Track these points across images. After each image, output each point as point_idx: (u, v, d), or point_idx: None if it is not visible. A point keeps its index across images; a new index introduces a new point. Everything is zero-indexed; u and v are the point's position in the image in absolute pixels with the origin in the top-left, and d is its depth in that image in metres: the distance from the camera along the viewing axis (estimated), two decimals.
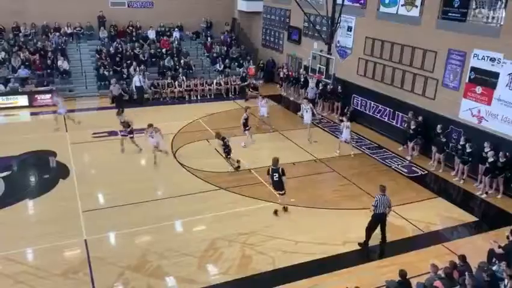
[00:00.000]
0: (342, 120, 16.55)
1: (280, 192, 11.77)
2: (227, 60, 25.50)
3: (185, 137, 17.06)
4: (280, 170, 11.52)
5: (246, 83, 23.38)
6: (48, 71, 22.16)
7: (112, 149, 15.51)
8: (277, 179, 11.52)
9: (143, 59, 23.92)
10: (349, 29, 19.94)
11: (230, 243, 10.54)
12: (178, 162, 14.99)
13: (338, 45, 20.67)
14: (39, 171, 14.10)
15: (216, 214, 11.83)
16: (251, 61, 26.01)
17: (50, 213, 11.70)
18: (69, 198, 12.41)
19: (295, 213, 12.04)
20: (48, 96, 20.45)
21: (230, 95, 23.37)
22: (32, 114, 19.74)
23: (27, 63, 21.89)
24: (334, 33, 20.26)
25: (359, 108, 19.58)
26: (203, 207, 12.11)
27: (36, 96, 20.46)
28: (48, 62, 22.33)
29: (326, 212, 12.20)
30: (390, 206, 10.46)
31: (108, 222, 11.28)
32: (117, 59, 23.54)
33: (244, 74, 24.55)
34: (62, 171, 14.03)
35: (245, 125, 16.50)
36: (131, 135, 15.34)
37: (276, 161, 11.58)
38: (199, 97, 22.78)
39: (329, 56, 20.62)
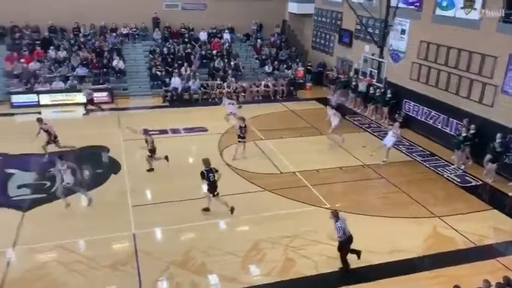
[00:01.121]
0: (391, 125, 16.12)
1: (215, 194, 11.53)
2: (276, 62, 25.56)
3: (231, 138, 17.24)
4: (213, 170, 11.38)
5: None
6: (105, 70, 23.15)
7: (161, 147, 15.91)
8: (213, 179, 11.32)
9: (194, 60, 24.44)
10: (403, 32, 19.38)
11: (273, 245, 10.54)
12: (224, 161, 15.17)
13: (391, 48, 20.16)
14: (93, 166, 14.74)
15: (260, 215, 11.86)
16: (300, 63, 25.92)
17: (102, 206, 12.18)
18: (119, 192, 12.90)
19: None
20: (104, 94, 21.41)
21: (278, 97, 23.40)
22: (89, 110, 20.66)
23: (85, 62, 22.97)
24: (387, 36, 19.77)
25: (410, 114, 18.98)
26: (247, 208, 12.17)
27: (92, 93, 21.36)
28: (105, 61, 23.35)
29: (372, 219, 11.91)
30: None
31: (155, 218, 11.60)
32: (169, 59, 24.21)
33: (292, 76, 24.53)
34: (114, 167, 14.60)
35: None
36: None
37: (207, 161, 11.36)
38: (247, 98, 22.98)
39: (380, 59, 20.16)
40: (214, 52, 25.35)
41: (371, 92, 20.62)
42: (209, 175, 11.34)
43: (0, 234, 10.61)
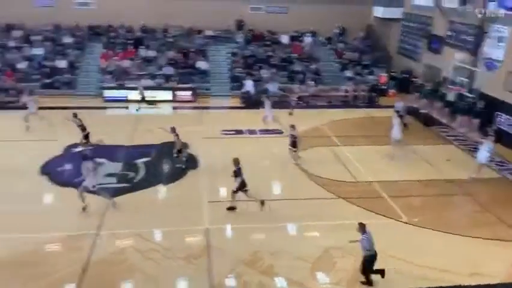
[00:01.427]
0: (483, 140, 14.92)
1: (246, 189, 11.80)
2: (358, 67, 24.95)
3: (307, 142, 17.10)
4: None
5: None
6: (190, 70, 24.15)
7: (238, 147, 16.24)
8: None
9: (274, 62, 24.66)
10: (500, 39, 17.93)
11: (344, 254, 10.25)
12: (297, 165, 15.08)
13: (485, 57, 18.74)
14: (173, 160, 15.41)
15: (332, 223, 11.62)
16: (384, 69, 25.06)
17: (179, 199, 12.70)
18: (196, 188, 13.36)
19: (417, 234, 11.24)
20: (188, 93, 22.36)
21: (358, 103, 22.83)
22: (173, 108, 21.69)
23: (172, 62, 24.15)
24: (481, 43, 18.43)
25: (503, 128, 17.52)
26: (319, 214, 11.99)
27: (177, 92, 22.45)
28: (190, 61, 24.36)
29: (452, 237, 11.14)
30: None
31: (228, 215, 11.84)
32: (251, 61, 24.64)
33: (375, 82, 23.80)
34: (192, 162, 15.14)
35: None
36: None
37: (237, 161, 11.76)
38: (326, 103, 22.69)
39: (473, 68, 18.83)
40: (295, 55, 25.36)
41: (460, 102, 19.33)
42: (242, 172, 11.72)
43: (87, 218, 11.48)
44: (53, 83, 22.45)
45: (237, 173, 11.72)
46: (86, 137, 15.92)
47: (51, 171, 14.12)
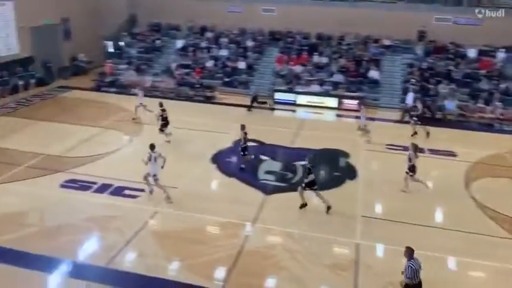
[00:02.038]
0: None
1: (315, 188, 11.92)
2: None
3: (484, 169, 15.16)
4: None
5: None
6: (360, 78, 23.72)
7: (399, 164, 15.26)
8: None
9: (456, 78, 22.52)
10: None
11: None
12: (470, 195, 13.43)
13: None
14: (331, 168, 15.32)
15: (501, 265, 10.02)
16: None
17: (332, 208, 12.54)
18: (351, 199, 13.02)
19: None
20: (355, 102, 21.98)
21: None
22: (337, 116, 21.61)
23: (343, 70, 24.06)
24: None
25: None
26: (487, 253, 10.46)
27: (344, 100, 22.27)
28: (362, 70, 23.91)
29: None
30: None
31: (381, 234, 11.21)
32: (427, 74, 22.99)
33: None
34: (351, 173, 14.81)
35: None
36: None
37: (313, 159, 12.23)
38: None
39: None
40: (483, 71, 22.72)
41: None
42: (310, 172, 11.84)
43: (245, 209, 12.19)
44: (232, 82, 24.54)
45: (310, 171, 11.77)
46: (164, 126, 16.50)
47: (220, 160, 15.43)
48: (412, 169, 13.10)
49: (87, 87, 23.93)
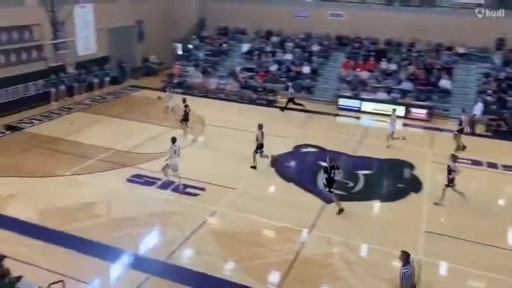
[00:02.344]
0: None
1: (331, 189, 12.13)
2: None
3: None
4: (335, 167, 12.03)
5: None
6: (430, 87, 22.69)
7: (470, 178, 14.38)
8: (333, 175, 11.99)
9: None
10: None
11: None
12: None
13: None
14: (395, 179, 14.75)
15: None
16: None
17: (393, 220, 12.09)
18: (415, 212, 12.45)
19: None
20: (423, 111, 21.08)
21: None
22: (403, 125, 20.80)
23: (412, 77, 23.14)
24: None
25: None
26: None
27: (411, 109, 21.41)
28: (432, 79, 22.86)
29: None
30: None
31: (446, 252, 10.62)
32: (505, 85, 21.51)
33: None
34: (416, 185, 14.17)
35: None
36: None
37: (332, 159, 12.17)
38: None
39: None
40: None
41: None
42: (331, 171, 11.87)
43: (303, 215, 12.08)
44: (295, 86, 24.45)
45: (326, 171, 11.97)
46: (184, 120, 17.57)
47: (278, 164, 15.39)
48: (452, 181, 12.57)
49: (156, 88, 24.95)
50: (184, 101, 17.89)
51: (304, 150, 16.97)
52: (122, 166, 14.69)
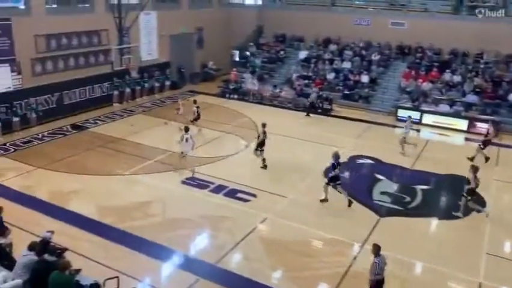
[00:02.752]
0: None
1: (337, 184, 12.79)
2: None
3: None
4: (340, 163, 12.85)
5: None
6: (498, 101, 21.41)
7: None
8: (337, 172, 12.67)
9: None
10: None
11: None
12: None
13: None
14: (456, 196, 13.98)
15: None
16: None
17: (452, 239, 11.48)
18: (476, 233, 11.75)
19: None
20: (487, 126, 19.88)
21: None
22: (466, 139, 19.77)
23: (478, 90, 21.97)
24: None
25: None
26: None
27: (476, 123, 20.30)
28: (501, 92, 21.58)
29: None
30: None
31: (509, 276, 9.90)
32: None
33: None
34: (478, 205, 13.35)
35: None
36: None
37: (337, 155, 12.73)
38: None
39: None
40: None
41: None
42: (336, 168, 12.53)
43: (356, 228, 11.75)
44: (352, 96, 24.02)
45: (334, 167, 12.48)
46: (195, 120, 18.45)
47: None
48: (471, 193, 12.18)
49: (213, 93, 25.45)
50: (195, 102, 19.12)
51: (360, 161, 16.56)
52: (178, 168, 15.08)
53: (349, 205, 12.71)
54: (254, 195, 13.26)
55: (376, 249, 8.56)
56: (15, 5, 17.93)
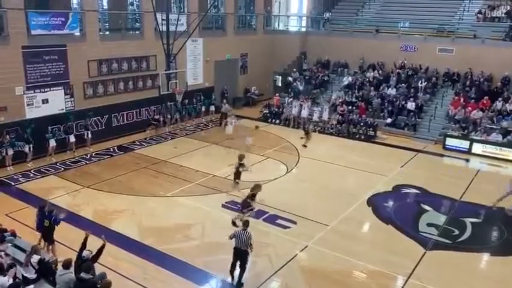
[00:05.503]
0: None
1: None
2: None
3: None
4: None
5: None
6: None
7: None
8: None
9: None
10: None
11: None
12: None
13: None
14: (509, 231, 13.11)
15: None
16: None
17: (503, 276, 10.71)
18: None
19: None
20: None
21: None
22: None
23: None
24: None
25: None
26: None
27: None
28: None
29: None
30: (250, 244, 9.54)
31: None
32: None
33: None
34: None
35: None
36: None
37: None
38: None
39: None
40: None
41: None
42: None
43: (400, 261, 11.23)
44: (397, 123, 23.43)
45: None
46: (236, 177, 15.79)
47: (376, 204, 14.64)
48: None
49: (255, 117, 25.60)
50: (240, 159, 18.14)
51: (406, 190, 15.98)
52: (218, 191, 15.11)
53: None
54: (294, 222, 13.02)
55: (244, 223, 9.61)
56: (71, 32, 18.97)
